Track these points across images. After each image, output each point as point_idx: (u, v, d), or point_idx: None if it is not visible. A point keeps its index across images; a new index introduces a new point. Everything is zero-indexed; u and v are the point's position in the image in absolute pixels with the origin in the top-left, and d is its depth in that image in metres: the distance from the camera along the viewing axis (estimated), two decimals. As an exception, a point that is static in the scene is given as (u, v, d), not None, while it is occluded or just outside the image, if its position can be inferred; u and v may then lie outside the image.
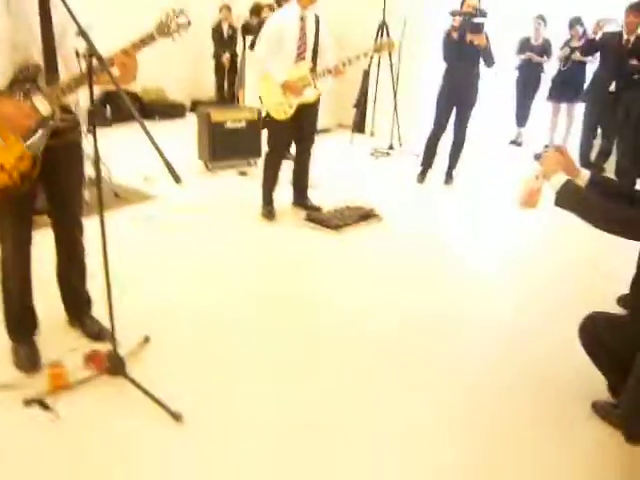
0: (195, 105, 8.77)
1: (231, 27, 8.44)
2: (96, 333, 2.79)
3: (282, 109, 4.33)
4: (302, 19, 4.20)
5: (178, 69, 9.01)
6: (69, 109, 2.40)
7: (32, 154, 2.27)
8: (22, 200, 2.34)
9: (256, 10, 7.20)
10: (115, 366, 2.44)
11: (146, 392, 2.34)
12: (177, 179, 2.03)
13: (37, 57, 2.23)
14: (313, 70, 4.29)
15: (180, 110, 8.92)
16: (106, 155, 5.50)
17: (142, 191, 5.13)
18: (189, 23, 2.30)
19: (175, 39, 2.30)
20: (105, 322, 2.56)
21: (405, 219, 4.81)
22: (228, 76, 8.66)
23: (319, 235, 4.33)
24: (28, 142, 2.25)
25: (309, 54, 4.29)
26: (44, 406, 2.30)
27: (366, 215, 4.64)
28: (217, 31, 8.52)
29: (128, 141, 7.20)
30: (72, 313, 2.86)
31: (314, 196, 4.90)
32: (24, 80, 2.19)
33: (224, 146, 5.80)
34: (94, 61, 2.07)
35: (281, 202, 4.78)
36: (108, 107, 7.98)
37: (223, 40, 8.49)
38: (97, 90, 2.62)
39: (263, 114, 5.56)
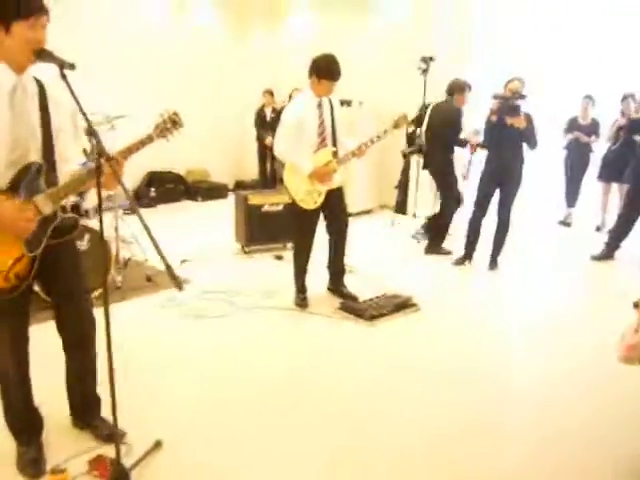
0: (238, 186, 8.91)
1: (274, 111, 8.63)
2: (106, 436, 2.61)
3: (312, 199, 4.25)
4: (319, 106, 4.19)
5: (222, 151, 9.24)
6: (68, 208, 2.38)
7: (31, 255, 2.21)
8: (17, 300, 2.25)
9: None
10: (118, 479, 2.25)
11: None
12: (179, 285, 1.92)
13: (34, 156, 2.21)
14: (336, 154, 4.24)
15: (223, 191, 9.05)
16: (144, 237, 5.61)
17: (177, 276, 5.06)
18: (181, 125, 2.37)
19: (169, 140, 2.33)
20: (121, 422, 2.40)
21: (445, 308, 4.54)
22: (270, 159, 8.78)
23: (352, 326, 4.12)
24: (28, 243, 2.20)
25: (329, 139, 4.24)
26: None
27: (402, 304, 4.41)
28: (260, 115, 8.72)
29: (169, 222, 7.36)
30: (79, 415, 2.71)
31: (351, 282, 4.73)
32: (27, 180, 2.17)
33: (261, 229, 5.77)
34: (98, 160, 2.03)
35: (317, 288, 4.63)
36: (152, 188, 8.15)
37: (266, 124, 8.67)
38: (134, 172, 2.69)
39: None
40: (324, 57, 4.10)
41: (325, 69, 4.06)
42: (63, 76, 2.01)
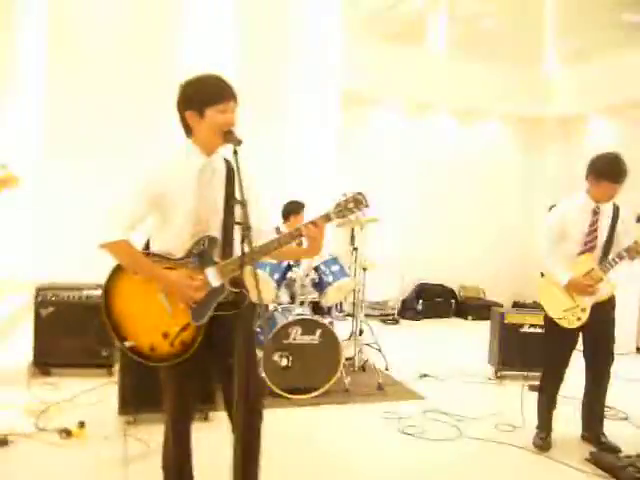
0: (515, 306, 8.21)
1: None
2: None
3: (573, 315, 3.55)
4: (595, 212, 3.55)
5: (501, 269, 8.72)
6: (240, 283, 2.35)
7: (196, 324, 2.24)
8: (184, 375, 2.30)
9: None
10: None
11: None
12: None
13: (214, 230, 2.29)
14: (602, 261, 3.51)
15: (497, 311, 8.45)
16: (396, 346, 5.51)
17: (411, 389, 4.74)
18: (366, 205, 2.30)
19: (350, 220, 2.23)
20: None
21: None
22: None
23: (601, 484, 3.18)
24: (194, 312, 2.24)
25: (599, 247, 3.55)
26: None
27: (684, 472, 3.26)
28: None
29: (429, 337, 7.08)
30: None
31: (620, 430, 3.79)
32: (200, 252, 2.25)
33: (518, 353, 5.06)
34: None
35: (569, 429, 3.77)
36: (420, 300, 8.05)
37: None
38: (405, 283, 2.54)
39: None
40: (606, 155, 3.54)
41: (604, 168, 3.48)
42: (235, 152, 2.11)
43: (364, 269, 5.11)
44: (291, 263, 4.55)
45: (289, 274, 4.51)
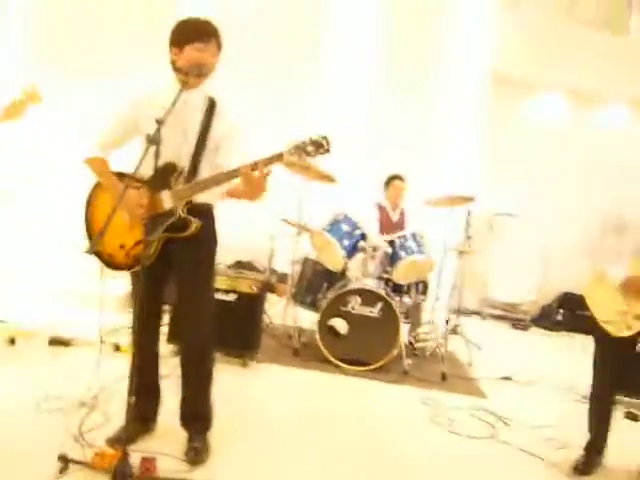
0: None
1: None
2: (190, 453, 2.58)
3: (624, 322, 3.01)
4: None
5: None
6: (197, 212, 2.48)
7: (147, 240, 2.38)
8: (143, 286, 2.37)
9: None
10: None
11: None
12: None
13: (183, 160, 2.48)
14: None
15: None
16: (505, 349, 5.17)
17: (477, 386, 4.39)
18: (327, 150, 2.31)
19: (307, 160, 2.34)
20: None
21: None
22: None
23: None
24: (146, 229, 2.39)
25: None
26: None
27: None
28: None
29: (553, 349, 6.30)
30: (182, 424, 2.71)
31: None
32: (161, 176, 2.40)
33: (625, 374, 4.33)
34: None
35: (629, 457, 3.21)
36: (561, 311, 7.20)
37: None
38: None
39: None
40: None
41: None
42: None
43: (460, 252, 4.77)
44: (364, 233, 4.50)
45: (360, 244, 4.45)
